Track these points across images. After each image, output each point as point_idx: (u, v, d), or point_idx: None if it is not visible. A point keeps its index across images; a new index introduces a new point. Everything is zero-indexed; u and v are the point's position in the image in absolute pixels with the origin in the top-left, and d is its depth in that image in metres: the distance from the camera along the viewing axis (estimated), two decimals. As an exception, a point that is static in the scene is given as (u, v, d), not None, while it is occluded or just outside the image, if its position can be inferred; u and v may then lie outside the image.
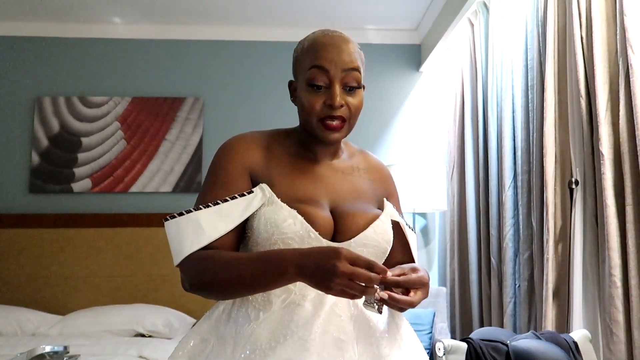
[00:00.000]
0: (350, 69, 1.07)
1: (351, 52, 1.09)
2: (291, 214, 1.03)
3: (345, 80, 1.07)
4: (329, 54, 1.07)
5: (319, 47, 1.08)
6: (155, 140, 3.59)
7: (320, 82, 1.07)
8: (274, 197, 1.05)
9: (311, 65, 1.08)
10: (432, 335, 2.92)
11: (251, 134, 1.15)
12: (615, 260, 1.84)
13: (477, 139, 3.02)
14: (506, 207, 2.57)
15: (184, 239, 1.03)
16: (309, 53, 1.09)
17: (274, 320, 0.99)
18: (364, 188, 1.17)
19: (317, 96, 1.07)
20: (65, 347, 2.09)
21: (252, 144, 1.12)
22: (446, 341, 1.83)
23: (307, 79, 1.08)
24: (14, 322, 2.89)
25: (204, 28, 3.70)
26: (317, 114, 1.07)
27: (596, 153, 1.96)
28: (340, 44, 1.09)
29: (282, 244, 1.03)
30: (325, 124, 1.07)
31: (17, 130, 3.57)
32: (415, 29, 3.74)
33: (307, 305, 1.00)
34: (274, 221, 1.03)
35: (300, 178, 1.11)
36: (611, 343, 1.82)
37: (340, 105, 1.07)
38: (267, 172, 1.10)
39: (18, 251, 3.33)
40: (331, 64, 1.06)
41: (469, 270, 3.04)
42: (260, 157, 1.11)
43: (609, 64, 1.95)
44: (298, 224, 1.03)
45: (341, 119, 1.08)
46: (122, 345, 2.57)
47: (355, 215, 1.10)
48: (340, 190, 1.13)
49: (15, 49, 3.63)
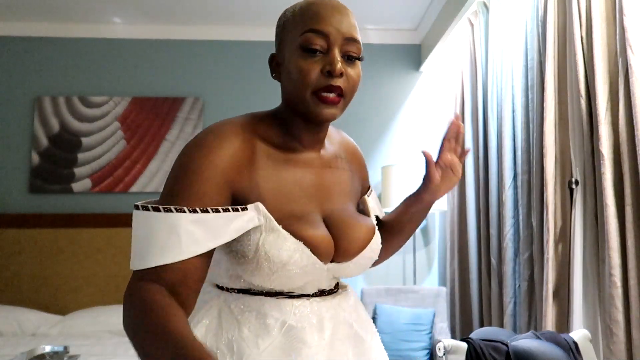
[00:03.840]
0: (353, 38, 0.91)
1: (354, 24, 0.93)
2: (298, 248, 0.88)
3: (345, 48, 0.90)
4: (329, 17, 0.90)
5: (317, 9, 0.91)
6: (155, 140, 3.59)
7: (317, 45, 0.89)
8: (272, 223, 0.88)
9: (306, 29, 0.89)
10: (432, 335, 2.92)
11: (229, 130, 0.91)
12: (615, 260, 1.84)
13: (477, 139, 3.02)
14: (506, 207, 2.58)
15: (152, 243, 0.81)
16: (303, 16, 0.91)
17: (278, 348, 0.90)
18: (348, 184, 1.06)
19: (312, 62, 0.89)
20: (65, 347, 2.09)
21: (234, 144, 0.89)
22: (446, 341, 1.83)
23: (301, 42, 0.89)
24: (14, 322, 2.89)
25: (204, 28, 3.70)
26: (312, 83, 0.88)
27: (596, 153, 1.96)
28: (342, 9, 0.92)
29: (285, 279, 0.90)
30: (320, 96, 0.89)
31: (17, 130, 3.57)
32: (415, 29, 3.74)
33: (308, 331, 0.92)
34: (278, 257, 0.87)
35: (289, 183, 0.94)
36: (611, 343, 1.82)
37: (340, 73, 0.88)
38: (252, 181, 0.90)
39: (18, 251, 3.33)
40: (331, 27, 0.89)
41: (469, 270, 3.04)
42: (244, 161, 0.90)
43: (608, 64, 1.96)
44: (305, 258, 0.89)
45: (339, 91, 0.90)
46: (122, 345, 2.57)
47: (352, 228, 0.99)
48: (330, 193, 1.01)
49: (15, 49, 3.63)
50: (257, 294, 0.93)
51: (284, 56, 0.94)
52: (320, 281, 0.97)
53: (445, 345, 1.82)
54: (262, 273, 0.88)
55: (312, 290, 0.97)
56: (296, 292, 0.95)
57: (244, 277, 0.92)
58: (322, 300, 0.97)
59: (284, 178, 0.94)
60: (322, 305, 0.96)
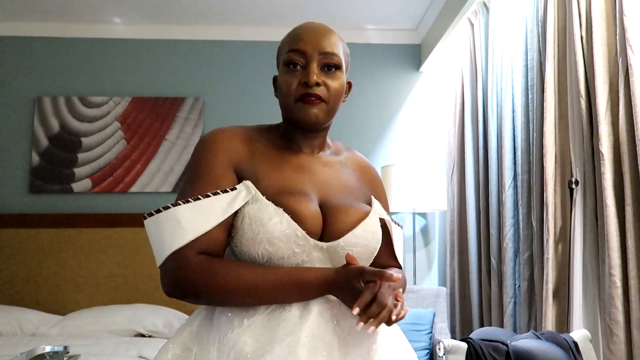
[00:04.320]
0: (329, 52, 1.06)
1: (332, 40, 1.07)
2: (277, 212, 0.98)
3: (323, 61, 1.06)
4: (307, 36, 1.06)
5: (298, 32, 1.08)
6: (155, 140, 3.59)
7: (297, 61, 1.05)
8: (258, 195, 1.00)
9: (289, 49, 1.07)
10: (432, 335, 2.92)
11: (233, 128, 1.10)
12: (615, 260, 1.84)
13: (477, 139, 3.02)
14: (506, 207, 2.58)
15: (164, 237, 0.96)
16: (287, 39, 1.09)
17: (259, 326, 0.95)
18: (352, 184, 1.14)
19: (293, 76, 1.05)
20: (65, 347, 2.09)
21: (235, 137, 1.07)
22: (446, 341, 1.83)
23: (284, 60, 1.07)
24: (14, 322, 2.89)
25: (204, 28, 3.70)
26: (294, 93, 1.04)
27: (596, 153, 1.96)
28: (320, 29, 1.08)
29: (267, 244, 0.97)
30: (302, 100, 1.04)
31: (17, 130, 3.57)
32: (415, 29, 3.74)
33: (293, 310, 0.97)
34: (259, 220, 0.97)
35: (286, 169, 1.07)
36: (611, 343, 1.82)
37: (316, 83, 1.03)
38: (251, 167, 1.05)
39: (18, 251, 3.33)
40: (308, 45, 1.05)
41: (469, 270, 3.04)
42: (244, 151, 1.06)
43: (608, 64, 1.96)
44: (285, 223, 0.98)
45: (317, 97, 1.04)
46: (122, 345, 2.57)
47: (345, 211, 1.05)
48: (329, 183, 1.09)
49: (15, 49, 3.63)
50: None
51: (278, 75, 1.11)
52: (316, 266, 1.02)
53: (445, 345, 1.82)
54: (246, 237, 0.98)
55: None
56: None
57: (236, 253, 1.02)
58: None
59: (281, 164, 1.08)
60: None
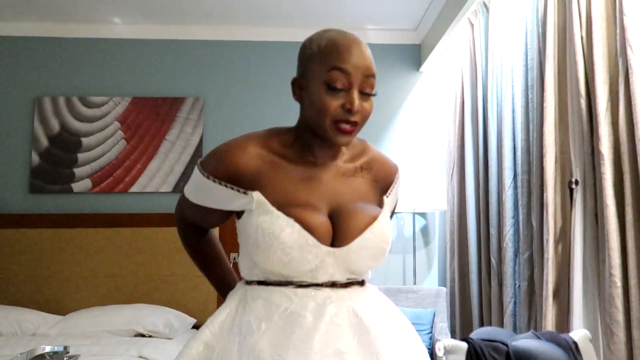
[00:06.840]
0: (371, 75, 1.07)
1: (370, 58, 1.08)
2: (289, 223, 1.03)
3: (363, 85, 1.06)
4: (352, 57, 1.05)
5: (342, 49, 1.06)
6: (155, 140, 3.59)
7: (340, 84, 1.05)
8: (268, 206, 1.05)
9: (333, 67, 1.05)
10: (432, 335, 2.92)
11: (245, 140, 1.12)
12: (615, 260, 1.84)
13: (477, 139, 3.02)
14: (506, 207, 2.58)
15: (191, 184, 1.17)
16: (330, 53, 1.06)
17: (275, 332, 1.00)
18: (364, 190, 1.16)
19: (335, 98, 1.05)
20: (65, 347, 2.09)
21: (247, 151, 1.10)
22: (446, 341, 1.83)
23: (328, 80, 1.05)
24: (14, 322, 2.89)
25: (204, 28, 3.70)
26: (332, 115, 1.05)
27: (596, 153, 1.96)
28: (362, 48, 1.08)
29: (282, 254, 1.03)
30: (338, 126, 1.05)
31: (17, 130, 3.57)
32: (415, 29, 3.74)
33: (307, 316, 1.01)
34: (271, 232, 1.02)
35: (297, 182, 1.10)
36: (611, 343, 1.82)
37: (357, 110, 1.06)
38: (261, 179, 1.08)
39: (18, 251, 3.33)
40: (354, 68, 1.05)
41: (469, 270, 3.04)
42: (255, 164, 1.09)
43: (608, 64, 1.96)
44: (296, 233, 1.03)
45: (354, 124, 1.07)
46: (122, 345, 2.57)
47: (353, 216, 1.09)
48: (340, 193, 1.12)
49: (15, 49, 3.63)
50: (270, 284, 1.07)
51: (307, 83, 1.09)
52: (331, 273, 1.06)
53: (445, 345, 1.82)
54: (261, 249, 1.04)
55: (322, 280, 1.06)
56: (307, 281, 1.05)
57: (254, 260, 1.08)
58: (331, 291, 1.06)
59: (293, 177, 1.10)
60: (330, 294, 1.05)
